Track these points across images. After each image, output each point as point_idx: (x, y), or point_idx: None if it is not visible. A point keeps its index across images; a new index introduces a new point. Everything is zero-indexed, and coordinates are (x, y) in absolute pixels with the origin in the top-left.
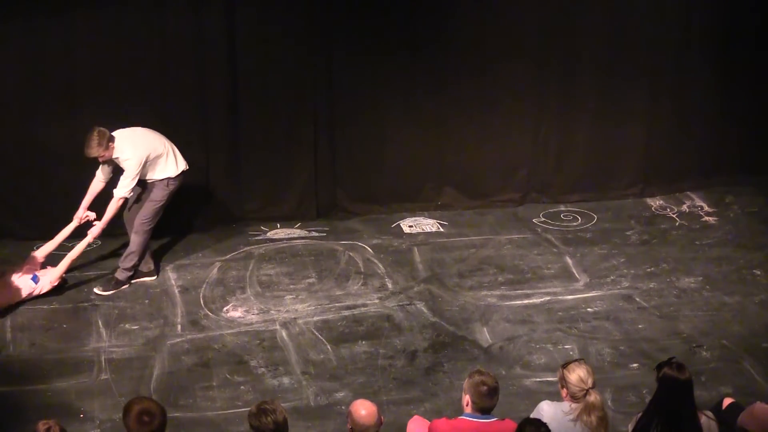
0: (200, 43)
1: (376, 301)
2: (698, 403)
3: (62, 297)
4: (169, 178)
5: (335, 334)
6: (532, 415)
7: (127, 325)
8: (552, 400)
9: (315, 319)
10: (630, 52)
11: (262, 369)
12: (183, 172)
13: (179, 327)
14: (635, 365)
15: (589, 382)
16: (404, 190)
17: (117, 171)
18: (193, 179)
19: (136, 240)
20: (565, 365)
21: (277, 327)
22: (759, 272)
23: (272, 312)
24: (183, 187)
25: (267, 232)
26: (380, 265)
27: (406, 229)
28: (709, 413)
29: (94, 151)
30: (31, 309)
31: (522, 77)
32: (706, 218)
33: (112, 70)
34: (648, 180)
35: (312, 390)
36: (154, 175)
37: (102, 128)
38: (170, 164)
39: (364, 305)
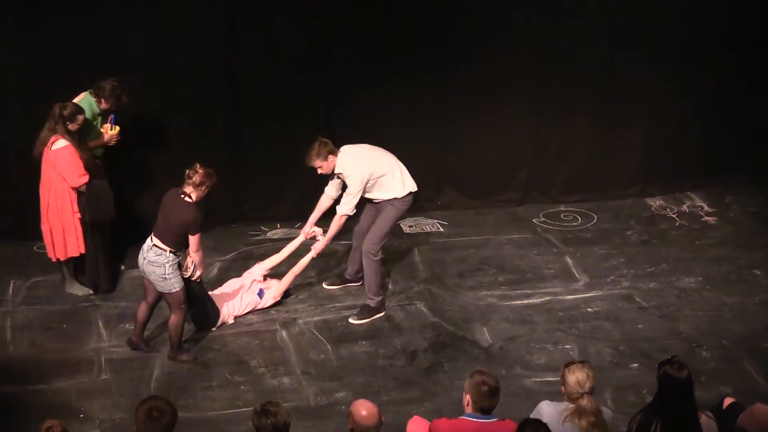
0: (201, 42)
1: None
2: (698, 403)
3: (62, 297)
4: (395, 198)
5: (335, 334)
6: (532, 415)
7: (127, 325)
8: (552, 400)
9: (315, 319)
10: (630, 52)
11: (262, 369)
12: (411, 193)
13: None
14: (635, 365)
15: (587, 386)
16: None
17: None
18: None
19: (368, 265)
20: (567, 365)
21: (277, 327)
22: (759, 272)
23: (272, 312)
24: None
25: (267, 232)
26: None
27: (406, 229)
28: (709, 413)
29: (311, 160)
30: (31, 309)
31: (522, 77)
32: (706, 218)
33: (112, 71)
34: (648, 180)
35: (312, 390)
36: (380, 194)
37: (326, 139)
38: (396, 184)
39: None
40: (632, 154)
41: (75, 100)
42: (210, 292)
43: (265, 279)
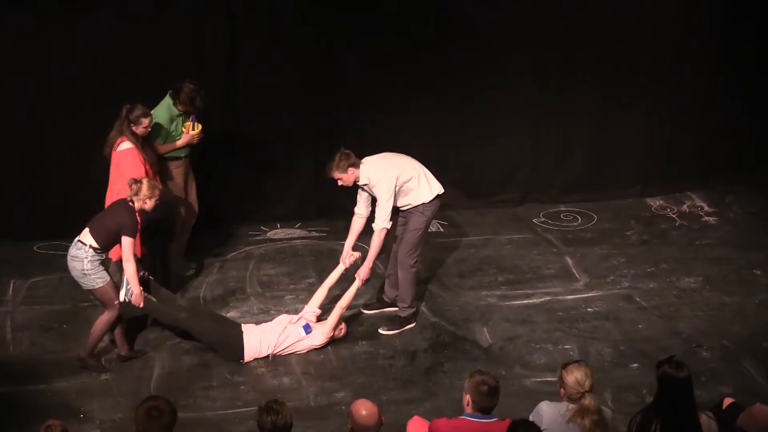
0: (201, 42)
1: (376, 301)
2: (698, 403)
3: (62, 297)
4: (423, 204)
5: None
6: (531, 416)
7: (126, 326)
8: (551, 400)
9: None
10: (630, 52)
11: (262, 369)
12: (438, 195)
13: None
14: (635, 365)
15: (586, 385)
16: None
17: (375, 205)
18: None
19: (403, 275)
20: (564, 366)
21: None
22: (759, 272)
23: (272, 312)
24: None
25: (267, 232)
26: (380, 265)
27: None
28: (710, 413)
29: (331, 171)
30: (31, 309)
31: (522, 77)
32: (706, 218)
33: (112, 71)
34: (648, 180)
35: (312, 390)
36: (408, 200)
37: (348, 151)
38: (423, 188)
39: (365, 305)
40: (632, 154)
41: (160, 104)
42: (253, 325)
43: (318, 320)
